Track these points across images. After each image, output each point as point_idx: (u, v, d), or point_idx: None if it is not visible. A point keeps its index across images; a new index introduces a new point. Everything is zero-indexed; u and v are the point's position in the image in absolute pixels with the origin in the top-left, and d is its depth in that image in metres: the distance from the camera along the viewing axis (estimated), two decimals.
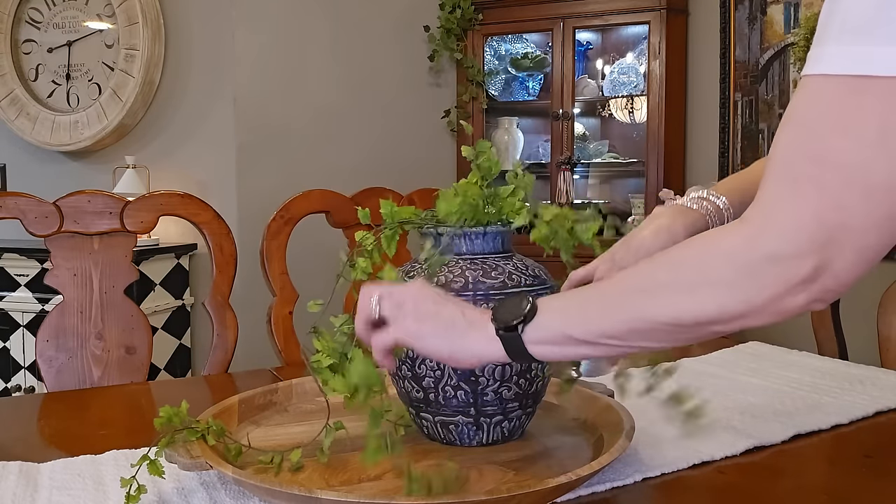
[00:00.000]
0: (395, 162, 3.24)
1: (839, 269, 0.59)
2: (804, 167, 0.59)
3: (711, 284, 0.62)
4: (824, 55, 0.59)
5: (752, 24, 3.06)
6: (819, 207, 0.58)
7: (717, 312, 0.63)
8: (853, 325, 1.62)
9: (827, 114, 0.59)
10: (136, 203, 1.41)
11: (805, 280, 0.59)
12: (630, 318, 0.66)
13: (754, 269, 0.60)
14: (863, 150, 0.57)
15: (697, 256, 0.64)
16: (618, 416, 0.90)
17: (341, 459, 0.86)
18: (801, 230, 0.59)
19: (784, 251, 0.59)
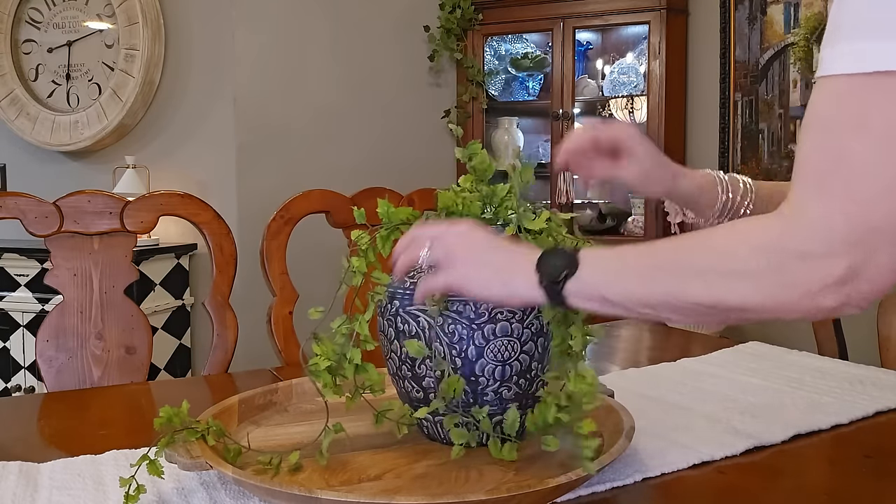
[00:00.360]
0: (396, 162, 3.24)
1: (873, 272, 0.59)
2: (828, 168, 0.60)
3: (743, 275, 0.63)
4: (836, 55, 0.60)
5: (752, 24, 3.06)
6: (847, 207, 0.58)
7: (747, 302, 0.63)
8: (853, 325, 1.62)
9: (844, 113, 0.59)
10: (136, 203, 1.41)
11: (838, 281, 0.59)
12: (664, 292, 0.68)
13: (784, 265, 0.61)
14: (884, 147, 0.57)
15: (733, 244, 0.65)
16: (618, 416, 0.90)
17: (341, 459, 0.86)
18: (831, 229, 0.59)
19: (815, 250, 0.60)
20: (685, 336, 1.77)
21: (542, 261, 0.74)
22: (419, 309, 0.86)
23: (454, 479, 0.81)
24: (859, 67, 0.58)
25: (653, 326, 1.80)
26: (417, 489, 0.79)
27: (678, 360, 1.35)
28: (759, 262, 0.62)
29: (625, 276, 0.71)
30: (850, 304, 0.61)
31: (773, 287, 0.62)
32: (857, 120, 0.58)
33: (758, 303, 0.63)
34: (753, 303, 0.63)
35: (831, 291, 0.60)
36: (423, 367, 0.87)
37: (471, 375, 0.85)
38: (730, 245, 0.66)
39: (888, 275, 0.59)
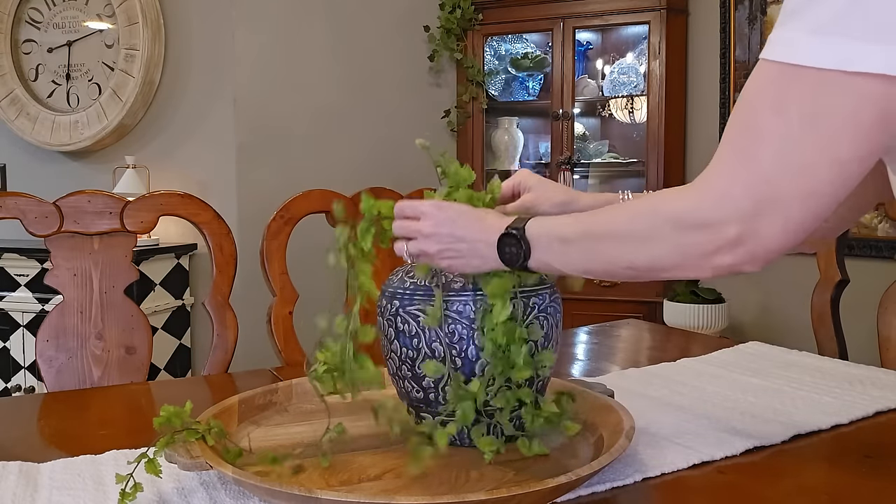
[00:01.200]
0: (395, 162, 3.24)
1: (765, 237, 0.67)
2: (741, 139, 0.67)
3: (658, 240, 0.73)
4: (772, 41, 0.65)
5: (752, 24, 3.06)
6: (749, 178, 0.66)
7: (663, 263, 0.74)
8: (853, 325, 1.62)
9: (763, 94, 0.66)
10: (136, 203, 1.41)
11: (730, 243, 0.68)
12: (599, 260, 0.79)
13: (690, 229, 0.70)
14: (789, 129, 0.63)
15: (650, 213, 0.75)
16: (618, 416, 0.90)
17: (341, 459, 0.86)
18: (731, 199, 0.67)
19: (715, 217, 0.68)
20: (685, 336, 1.77)
21: (500, 250, 0.84)
22: (419, 309, 0.87)
23: (454, 479, 0.81)
24: (787, 57, 0.63)
25: (653, 326, 1.80)
26: (417, 489, 0.79)
27: (678, 360, 1.35)
28: (667, 228, 0.72)
29: (568, 251, 0.81)
30: (746, 262, 0.69)
31: (679, 249, 0.71)
32: (775, 102, 0.64)
33: (668, 262, 0.73)
34: (665, 263, 0.73)
35: (725, 252, 0.69)
36: (424, 366, 0.87)
37: (471, 375, 0.85)
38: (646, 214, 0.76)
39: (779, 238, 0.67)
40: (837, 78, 0.61)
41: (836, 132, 0.62)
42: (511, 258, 0.83)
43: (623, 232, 0.77)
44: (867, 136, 0.62)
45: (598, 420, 0.93)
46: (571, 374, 1.32)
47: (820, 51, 0.61)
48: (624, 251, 0.76)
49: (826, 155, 0.63)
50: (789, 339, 1.71)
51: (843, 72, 0.60)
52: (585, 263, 0.81)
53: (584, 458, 0.85)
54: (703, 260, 0.70)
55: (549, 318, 0.88)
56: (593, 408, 0.96)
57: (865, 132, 0.62)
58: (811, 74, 0.61)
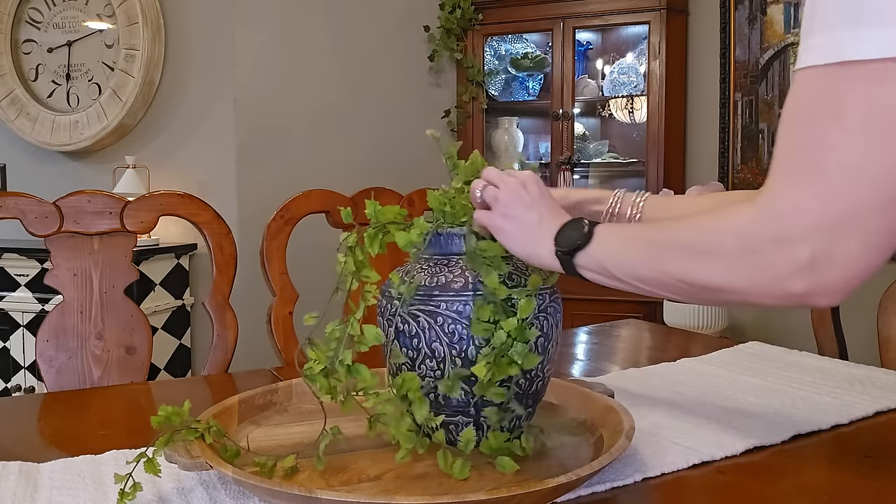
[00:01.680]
0: (395, 162, 3.24)
1: (843, 259, 0.59)
2: (801, 155, 0.61)
3: (718, 255, 0.66)
4: (809, 48, 0.61)
5: (752, 24, 3.06)
6: (817, 194, 0.59)
7: (722, 283, 0.67)
8: (853, 325, 1.62)
9: (816, 103, 0.61)
10: (136, 203, 1.41)
11: (804, 267, 0.60)
12: (656, 269, 0.73)
13: (756, 248, 0.63)
14: (852, 134, 0.58)
15: (713, 227, 0.69)
16: (618, 416, 0.90)
17: (341, 460, 0.86)
18: (801, 214, 0.60)
19: (783, 235, 0.61)
20: (685, 336, 1.77)
21: (561, 231, 0.80)
22: (419, 309, 0.86)
23: (454, 479, 0.81)
24: (830, 58, 0.59)
25: (653, 326, 1.80)
26: (417, 489, 0.79)
27: (678, 360, 1.35)
28: (732, 244, 0.65)
29: (624, 251, 0.76)
30: (820, 291, 0.61)
31: (743, 269, 0.64)
32: (830, 109, 0.59)
33: (731, 284, 0.66)
34: (726, 283, 0.66)
35: (798, 277, 0.61)
36: (423, 366, 0.87)
37: (471, 375, 0.85)
38: (711, 227, 0.69)
39: (859, 262, 0.60)
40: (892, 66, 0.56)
41: None
42: (565, 242, 0.79)
43: (683, 241, 0.71)
44: None
45: (598, 420, 0.93)
46: (571, 374, 1.32)
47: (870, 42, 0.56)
48: (680, 262, 0.70)
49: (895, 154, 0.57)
50: (789, 339, 1.71)
51: None
52: (638, 269, 0.74)
53: (584, 458, 0.85)
54: (771, 285, 0.63)
55: (549, 318, 0.88)
56: (593, 408, 0.96)
57: None
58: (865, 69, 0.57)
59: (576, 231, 0.79)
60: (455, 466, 0.81)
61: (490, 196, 0.85)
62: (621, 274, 0.76)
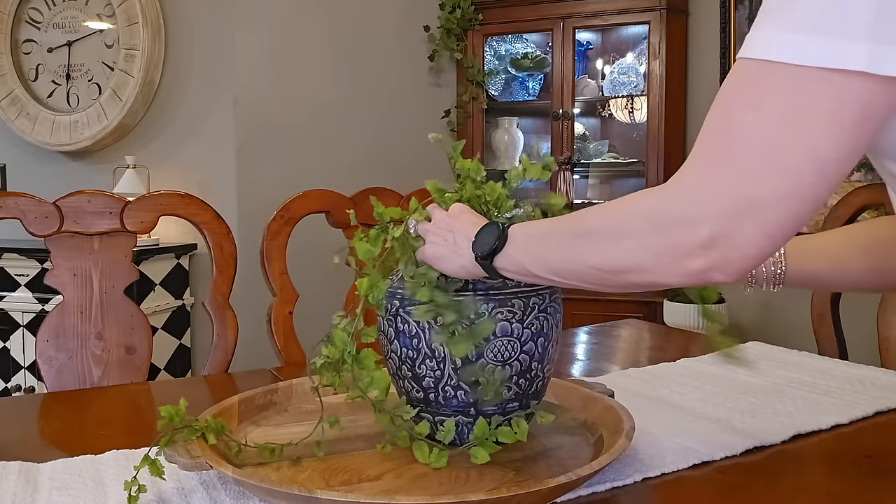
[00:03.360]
0: (396, 162, 3.24)
1: (740, 241, 0.62)
2: (718, 138, 0.64)
3: (630, 236, 0.68)
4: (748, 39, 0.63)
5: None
6: (726, 178, 0.62)
7: (632, 263, 0.68)
8: (853, 325, 1.62)
9: (739, 91, 0.63)
10: (136, 203, 1.41)
11: (702, 245, 0.63)
12: (568, 257, 0.74)
13: (664, 227, 0.65)
14: (767, 126, 0.61)
15: (624, 210, 0.71)
16: (618, 416, 0.90)
17: (341, 459, 0.86)
18: (706, 196, 0.63)
19: (689, 215, 0.64)
20: (685, 336, 1.77)
21: (477, 237, 0.81)
22: None
23: (454, 479, 0.81)
24: (759, 53, 0.61)
25: (652, 326, 1.80)
26: (417, 489, 0.79)
27: (678, 360, 1.35)
28: (640, 225, 0.67)
29: (539, 246, 0.78)
30: (718, 268, 0.64)
31: (652, 248, 0.66)
32: (750, 99, 0.62)
33: (639, 263, 0.67)
34: (635, 263, 0.68)
35: (697, 255, 0.63)
36: (423, 366, 0.87)
37: (471, 376, 0.85)
38: (620, 211, 0.71)
39: (756, 243, 0.62)
40: (817, 75, 0.59)
41: (816, 131, 0.60)
42: (482, 247, 0.80)
43: (594, 228, 0.73)
44: (848, 136, 0.60)
45: (598, 420, 0.94)
46: (571, 374, 1.32)
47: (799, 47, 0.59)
48: (592, 249, 0.72)
49: (805, 154, 0.60)
50: (789, 339, 1.71)
51: (824, 69, 0.58)
52: (553, 262, 0.76)
53: (584, 458, 0.85)
54: (675, 263, 0.65)
55: (549, 318, 0.88)
56: (593, 408, 0.96)
57: (846, 131, 0.60)
58: (790, 71, 0.60)
59: (490, 235, 0.80)
60: (432, 456, 0.83)
61: (422, 230, 0.88)
62: (539, 270, 0.77)
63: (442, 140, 0.91)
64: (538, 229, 0.80)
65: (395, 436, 0.87)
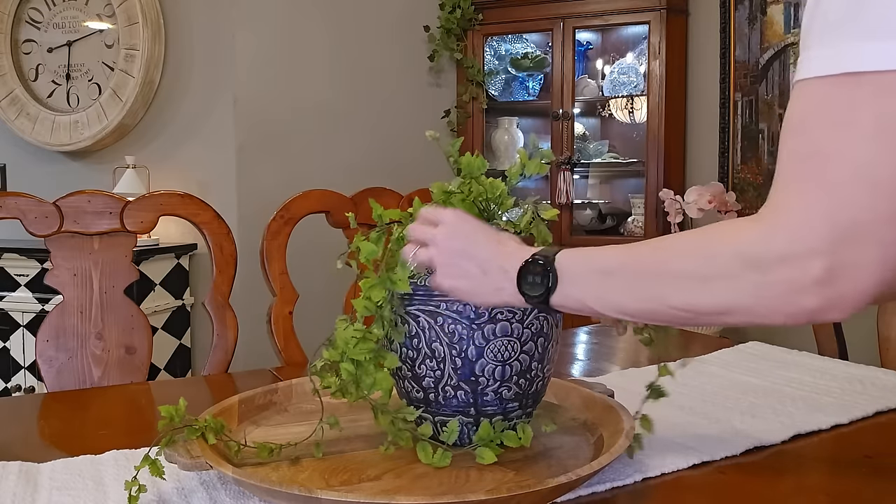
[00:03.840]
0: (396, 162, 3.24)
1: (855, 272, 0.58)
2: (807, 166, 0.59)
3: (723, 278, 0.63)
4: (811, 59, 0.60)
5: (752, 24, 3.06)
6: (828, 205, 0.58)
7: (728, 306, 0.64)
8: (853, 325, 1.62)
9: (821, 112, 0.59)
10: (136, 203, 1.41)
11: (817, 281, 0.58)
12: (645, 298, 0.69)
13: (764, 267, 0.60)
14: (861, 143, 0.57)
15: (712, 248, 0.65)
16: (618, 416, 0.90)
17: (341, 459, 0.86)
18: (811, 229, 0.58)
19: (794, 250, 0.59)
20: (685, 336, 1.76)
21: (522, 278, 0.76)
22: (419, 309, 0.86)
23: (454, 479, 0.81)
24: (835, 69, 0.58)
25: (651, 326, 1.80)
26: (417, 489, 0.79)
27: (678, 360, 1.35)
28: (738, 265, 0.62)
29: (605, 285, 0.73)
30: (834, 306, 0.59)
31: (752, 289, 0.61)
32: (838, 118, 0.58)
33: (737, 305, 0.63)
34: (733, 305, 0.63)
35: (811, 292, 0.59)
36: (423, 366, 0.87)
37: (471, 375, 0.85)
38: (708, 249, 0.66)
39: (871, 275, 0.58)
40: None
41: None
42: (533, 290, 0.75)
43: (680, 268, 0.67)
44: None
45: (598, 420, 0.94)
46: (571, 374, 1.32)
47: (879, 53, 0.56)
48: (680, 290, 0.66)
49: None
50: (789, 339, 1.71)
51: None
52: (626, 302, 0.71)
53: (584, 458, 0.85)
54: (782, 303, 0.60)
55: (549, 317, 0.88)
56: (593, 408, 0.97)
57: None
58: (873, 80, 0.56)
59: (538, 275, 0.75)
60: (436, 457, 0.82)
61: (427, 260, 0.81)
62: (604, 309, 0.73)
63: (439, 138, 0.90)
64: (598, 263, 0.74)
65: (397, 437, 0.87)
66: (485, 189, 0.89)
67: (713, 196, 2.72)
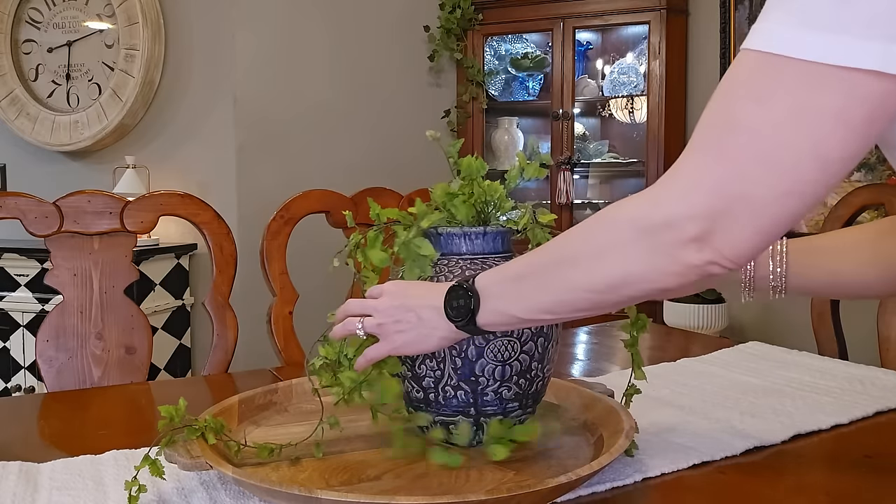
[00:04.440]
0: (395, 162, 3.24)
1: (735, 237, 0.60)
2: (716, 130, 0.62)
3: (617, 247, 0.65)
4: (756, 31, 0.61)
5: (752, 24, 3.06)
6: (723, 174, 0.60)
7: (625, 275, 0.65)
8: (853, 325, 1.62)
9: (746, 82, 0.61)
10: (136, 203, 1.41)
11: (695, 238, 0.61)
12: (556, 289, 0.70)
13: (654, 230, 0.62)
14: (772, 122, 0.59)
15: (606, 222, 0.67)
16: (618, 416, 0.90)
17: (341, 459, 0.86)
18: (698, 193, 0.61)
19: (678, 212, 0.61)
20: (685, 336, 1.77)
21: (447, 306, 0.78)
22: None
23: (454, 478, 0.81)
24: (771, 47, 0.59)
25: (653, 326, 1.80)
26: (417, 489, 0.79)
27: (678, 360, 1.35)
28: (626, 233, 0.64)
29: (523, 287, 0.73)
30: (713, 261, 0.61)
31: (639, 255, 0.63)
32: (756, 93, 0.59)
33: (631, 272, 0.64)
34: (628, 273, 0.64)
35: (692, 249, 0.61)
36: (423, 367, 0.87)
37: (471, 375, 0.85)
38: (605, 223, 0.68)
39: (751, 240, 0.61)
40: (828, 72, 0.56)
41: (822, 129, 0.58)
42: (458, 314, 0.77)
43: (578, 250, 0.69)
44: (854, 135, 0.58)
45: (598, 420, 0.94)
46: (571, 374, 1.32)
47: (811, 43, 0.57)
48: (582, 272, 0.68)
49: (808, 152, 0.58)
50: (789, 339, 1.71)
51: (835, 66, 0.56)
52: (544, 299, 0.72)
53: (584, 458, 0.85)
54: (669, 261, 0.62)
55: None
56: (593, 408, 0.96)
57: (853, 131, 0.58)
58: (800, 67, 0.57)
59: (460, 298, 0.77)
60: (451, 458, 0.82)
61: (372, 327, 0.83)
62: (528, 314, 0.74)
63: (440, 138, 0.90)
64: (510, 272, 0.76)
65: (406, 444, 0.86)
66: (483, 191, 0.90)
67: None
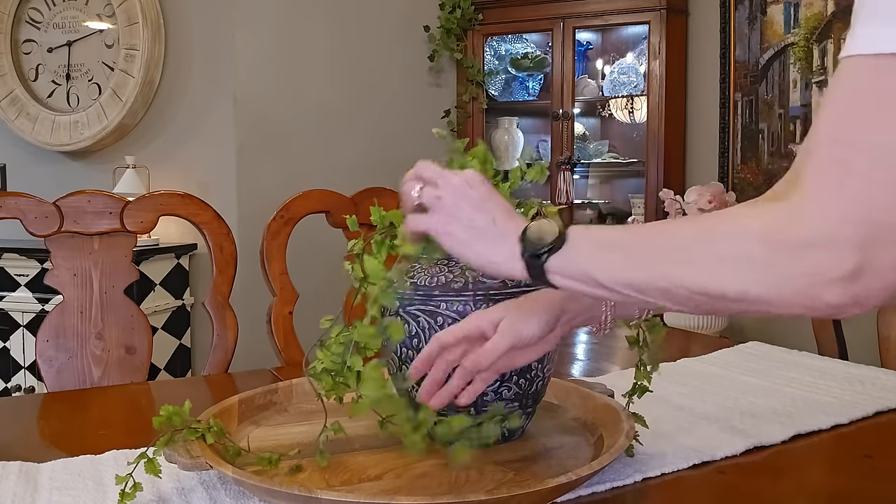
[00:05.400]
0: (395, 162, 3.21)
1: (884, 268, 0.53)
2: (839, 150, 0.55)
3: (743, 262, 0.58)
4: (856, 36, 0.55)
5: (752, 24, 3.06)
6: (859, 196, 0.53)
7: (742, 291, 0.58)
8: (853, 325, 1.62)
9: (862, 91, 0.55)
10: (136, 203, 1.41)
11: (846, 276, 0.53)
12: (657, 276, 0.63)
13: (789, 254, 0.56)
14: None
15: (731, 228, 0.60)
16: (618, 416, 0.90)
17: (341, 459, 0.86)
18: (845, 219, 0.53)
19: (825, 239, 0.54)
20: (685, 336, 1.77)
21: (529, 229, 0.68)
22: (419, 309, 0.86)
23: (454, 479, 0.81)
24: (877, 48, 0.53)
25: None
26: (417, 489, 0.79)
27: (678, 360, 1.35)
28: (761, 249, 0.57)
29: (616, 255, 0.65)
30: (857, 302, 0.55)
31: (773, 277, 0.56)
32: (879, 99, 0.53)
33: (757, 293, 0.58)
34: (752, 292, 0.58)
35: (837, 286, 0.54)
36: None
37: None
38: (731, 230, 0.60)
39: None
40: None
41: None
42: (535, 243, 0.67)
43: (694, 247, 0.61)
44: None
45: (598, 420, 0.94)
46: (571, 374, 1.32)
47: None
48: (693, 271, 0.60)
49: None
50: (789, 339, 1.71)
51: None
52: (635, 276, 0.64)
53: (584, 458, 0.85)
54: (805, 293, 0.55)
55: None
56: (593, 408, 0.97)
57: None
58: None
59: (546, 230, 0.67)
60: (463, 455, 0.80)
61: (430, 197, 0.72)
62: (611, 282, 0.65)
63: (446, 136, 0.90)
64: (607, 236, 0.67)
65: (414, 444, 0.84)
66: None
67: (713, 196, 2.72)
